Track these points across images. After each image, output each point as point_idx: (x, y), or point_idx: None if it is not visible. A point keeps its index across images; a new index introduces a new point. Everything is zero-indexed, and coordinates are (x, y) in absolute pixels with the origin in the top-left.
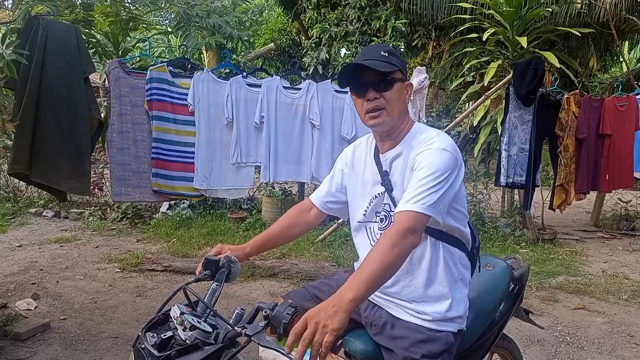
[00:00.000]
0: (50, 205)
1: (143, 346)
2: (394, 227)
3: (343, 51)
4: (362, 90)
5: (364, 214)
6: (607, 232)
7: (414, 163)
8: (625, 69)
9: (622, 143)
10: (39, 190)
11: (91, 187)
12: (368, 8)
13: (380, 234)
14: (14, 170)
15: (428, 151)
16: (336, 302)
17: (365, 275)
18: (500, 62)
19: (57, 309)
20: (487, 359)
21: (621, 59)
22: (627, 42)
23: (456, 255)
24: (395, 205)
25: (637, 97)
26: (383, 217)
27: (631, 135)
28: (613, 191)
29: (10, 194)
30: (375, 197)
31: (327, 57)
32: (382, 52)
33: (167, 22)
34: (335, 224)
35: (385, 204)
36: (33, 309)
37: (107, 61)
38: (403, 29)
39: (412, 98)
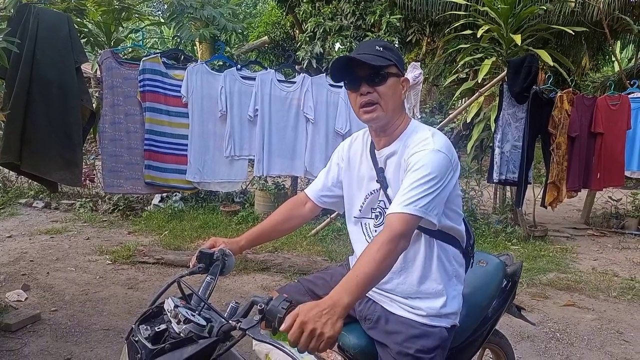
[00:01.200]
0: (41, 196)
1: (137, 339)
2: (386, 232)
3: (337, 45)
4: (355, 84)
5: (360, 210)
6: (597, 230)
7: (408, 164)
8: (617, 68)
9: (614, 142)
10: (29, 180)
11: (82, 178)
12: (363, 2)
13: (376, 230)
14: (3, 160)
15: (422, 152)
16: (331, 306)
17: (360, 279)
18: (494, 59)
19: (48, 301)
20: (479, 354)
21: (613, 58)
22: (619, 41)
23: (450, 253)
24: (389, 203)
25: (629, 96)
26: (378, 213)
27: (623, 134)
28: (604, 189)
29: (0, 184)
30: (371, 193)
31: (322, 51)
32: (378, 47)
33: (160, 12)
34: (328, 219)
35: (380, 200)
36: (23, 300)
37: (100, 51)
38: (397, 24)
39: (406, 94)
